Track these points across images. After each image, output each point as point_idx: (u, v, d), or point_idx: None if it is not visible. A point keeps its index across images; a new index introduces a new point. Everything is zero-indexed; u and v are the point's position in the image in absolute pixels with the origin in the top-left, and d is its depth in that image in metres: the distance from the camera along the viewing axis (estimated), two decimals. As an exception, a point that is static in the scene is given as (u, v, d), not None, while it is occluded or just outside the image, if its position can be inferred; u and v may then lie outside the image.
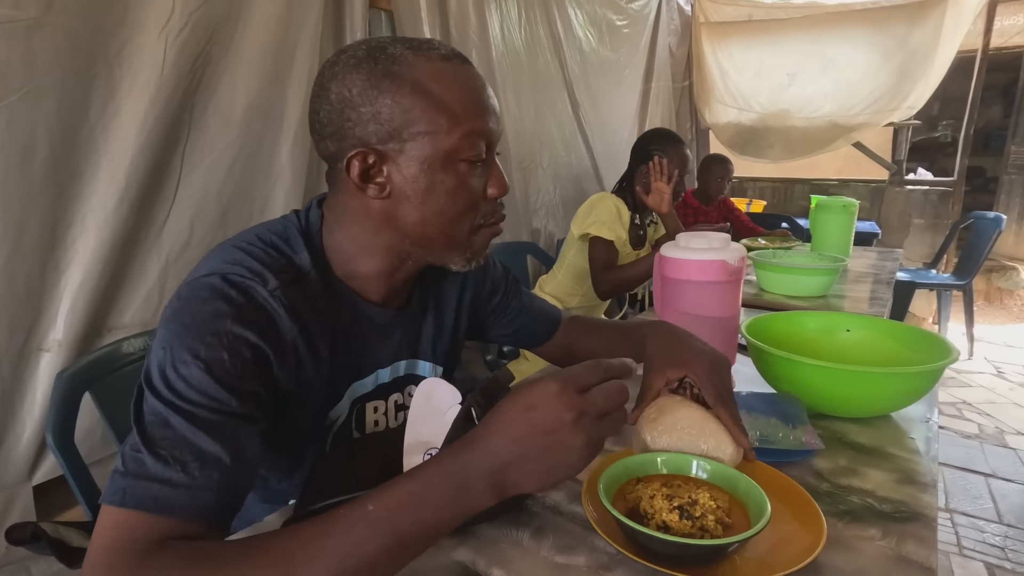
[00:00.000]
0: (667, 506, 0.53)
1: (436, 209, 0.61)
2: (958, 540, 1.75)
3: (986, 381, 2.98)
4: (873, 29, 3.35)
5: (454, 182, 0.60)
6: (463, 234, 0.63)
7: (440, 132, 0.58)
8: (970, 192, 4.72)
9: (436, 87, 0.57)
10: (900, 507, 0.62)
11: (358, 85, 0.57)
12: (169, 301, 0.57)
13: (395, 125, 0.57)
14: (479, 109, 0.60)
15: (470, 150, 0.59)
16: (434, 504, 0.44)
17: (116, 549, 0.45)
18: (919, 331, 0.91)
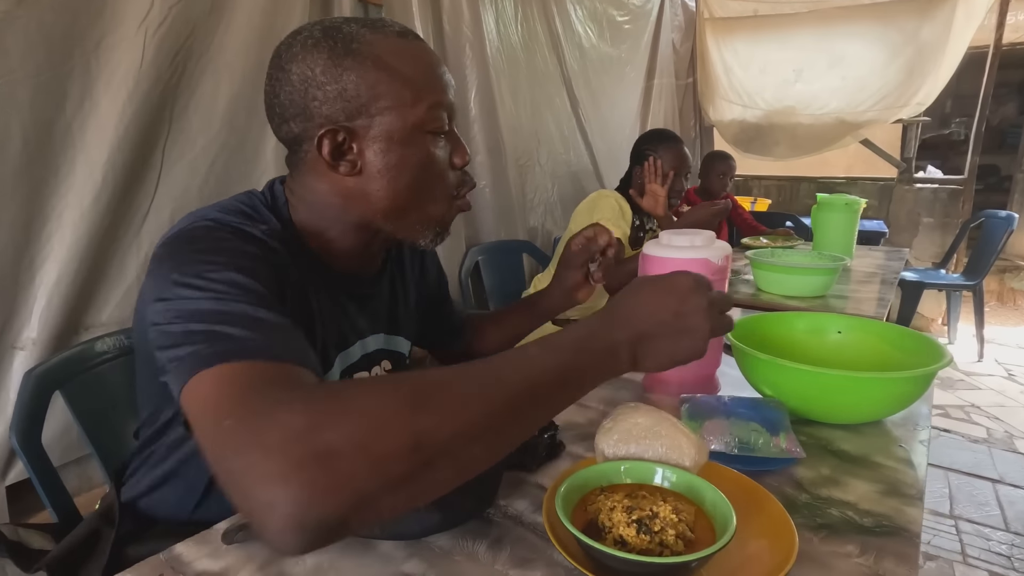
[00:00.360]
0: (625, 519, 0.49)
1: (407, 182, 0.62)
2: (962, 548, 1.70)
3: (996, 384, 2.91)
4: (882, 24, 3.27)
5: (423, 153, 0.61)
6: (435, 206, 0.65)
7: (405, 105, 0.59)
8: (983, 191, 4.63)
9: (397, 62, 0.59)
10: (882, 521, 0.58)
11: (320, 64, 0.57)
12: (153, 257, 0.54)
13: (362, 101, 0.58)
14: (439, 82, 0.62)
15: (434, 121, 0.61)
16: (589, 357, 0.46)
17: (242, 394, 0.39)
18: (912, 333, 0.87)
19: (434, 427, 0.36)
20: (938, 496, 1.95)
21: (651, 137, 1.82)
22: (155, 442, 0.70)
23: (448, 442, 0.37)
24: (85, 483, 1.15)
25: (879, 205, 3.74)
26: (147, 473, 0.72)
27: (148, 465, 0.72)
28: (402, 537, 0.57)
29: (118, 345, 1.02)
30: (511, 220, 2.22)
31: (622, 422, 0.61)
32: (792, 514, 0.57)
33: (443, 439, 0.36)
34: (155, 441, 0.70)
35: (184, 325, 0.46)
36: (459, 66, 1.95)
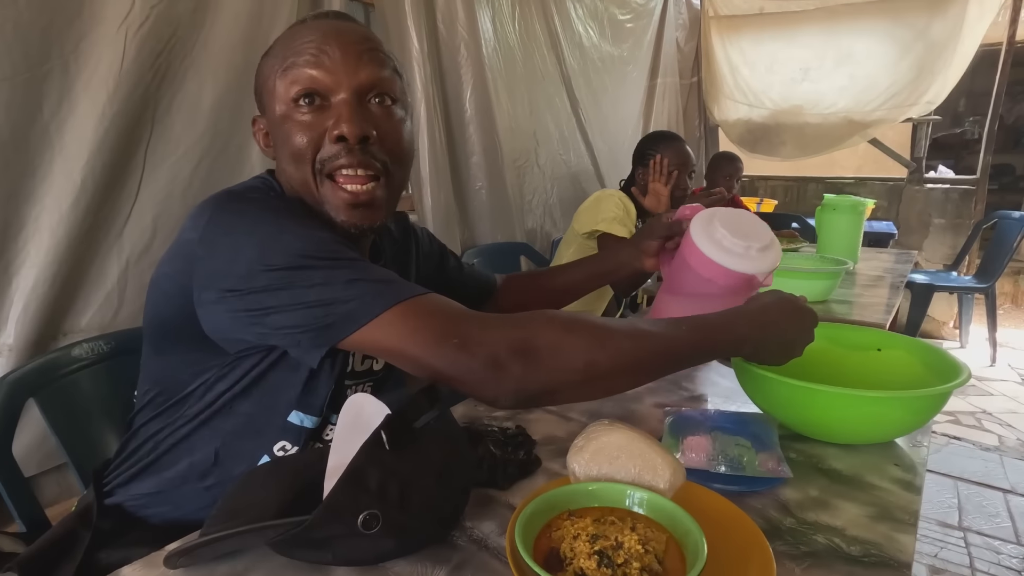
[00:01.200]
0: (587, 549, 0.46)
1: (282, 157, 0.65)
2: (971, 562, 1.64)
3: (1008, 389, 2.83)
4: (890, 20, 3.20)
5: (289, 127, 0.63)
6: (310, 180, 0.64)
7: (275, 82, 0.63)
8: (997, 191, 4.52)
9: (280, 46, 0.64)
10: (871, 550, 0.54)
11: (262, 59, 0.67)
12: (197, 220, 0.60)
13: (262, 91, 0.66)
14: (305, 51, 0.61)
15: (291, 91, 0.61)
16: (718, 343, 0.63)
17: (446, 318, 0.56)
18: (934, 350, 0.80)
19: (601, 359, 0.55)
20: (946, 507, 1.89)
21: (653, 138, 1.81)
22: (167, 417, 0.69)
23: (607, 370, 0.56)
24: (65, 491, 1.13)
25: (888, 206, 3.66)
26: (145, 456, 0.71)
27: (149, 447, 0.71)
28: (356, 563, 0.53)
29: (95, 351, 1.00)
30: (508, 222, 2.19)
31: (594, 440, 0.58)
32: (774, 540, 0.53)
33: (604, 368, 0.56)
34: (168, 418, 0.69)
35: (326, 287, 0.54)
36: (454, 66, 1.92)
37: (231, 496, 0.60)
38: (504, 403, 0.56)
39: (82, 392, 0.98)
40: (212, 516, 0.57)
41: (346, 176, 0.63)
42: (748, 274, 0.78)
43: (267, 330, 0.57)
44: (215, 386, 0.66)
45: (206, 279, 0.58)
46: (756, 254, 0.79)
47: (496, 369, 0.53)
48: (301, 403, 0.68)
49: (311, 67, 0.61)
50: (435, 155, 1.83)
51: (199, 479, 0.68)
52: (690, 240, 0.82)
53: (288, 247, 0.56)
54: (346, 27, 0.65)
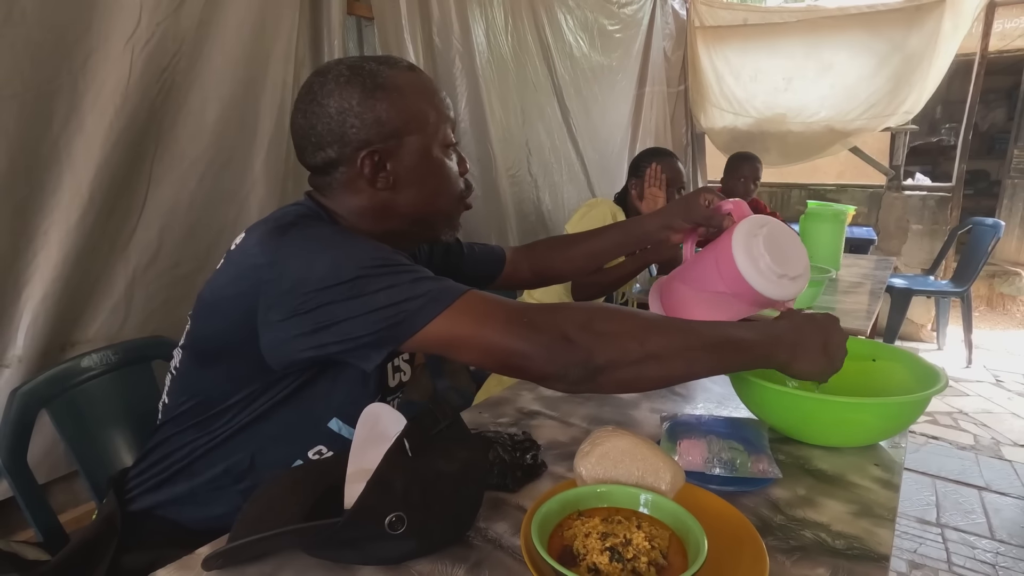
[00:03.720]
0: (599, 546, 0.50)
1: (433, 189, 0.75)
2: (948, 556, 1.71)
3: (984, 390, 2.94)
4: (869, 33, 3.31)
5: (443, 164, 0.75)
6: (454, 207, 0.78)
7: (428, 126, 0.72)
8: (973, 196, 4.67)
9: (415, 92, 0.72)
10: (853, 543, 0.59)
11: (356, 97, 0.69)
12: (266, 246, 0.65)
13: (395, 125, 0.70)
14: (444, 105, 0.75)
15: (448, 138, 0.75)
16: (751, 355, 0.68)
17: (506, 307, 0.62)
18: (921, 361, 0.84)
19: (658, 341, 0.62)
20: (924, 504, 1.97)
21: (650, 152, 1.90)
22: (204, 427, 0.72)
23: (662, 352, 0.62)
24: (71, 500, 1.15)
25: (868, 212, 3.77)
26: (178, 462, 0.74)
27: (182, 454, 0.73)
28: (382, 562, 0.57)
29: (104, 361, 1.02)
30: (502, 230, 2.23)
31: (600, 445, 0.62)
32: (766, 536, 0.58)
33: (659, 349, 0.62)
34: (207, 427, 0.72)
35: (394, 289, 0.60)
36: (449, 78, 1.96)
37: (256, 501, 0.63)
38: (571, 375, 0.60)
39: (92, 402, 1.01)
40: (239, 520, 0.61)
41: (467, 202, 0.80)
42: (771, 298, 0.79)
43: (332, 340, 0.61)
44: (258, 399, 0.70)
45: (276, 301, 0.61)
46: (787, 283, 0.78)
47: (566, 342, 0.59)
48: (341, 412, 0.72)
49: (449, 114, 0.76)
50: (431, 165, 1.87)
51: (234, 482, 0.71)
52: (727, 245, 0.80)
53: (352, 261, 0.61)
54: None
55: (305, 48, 1.51)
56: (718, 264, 0.82)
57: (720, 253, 0.82)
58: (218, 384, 0.70)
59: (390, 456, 0.56)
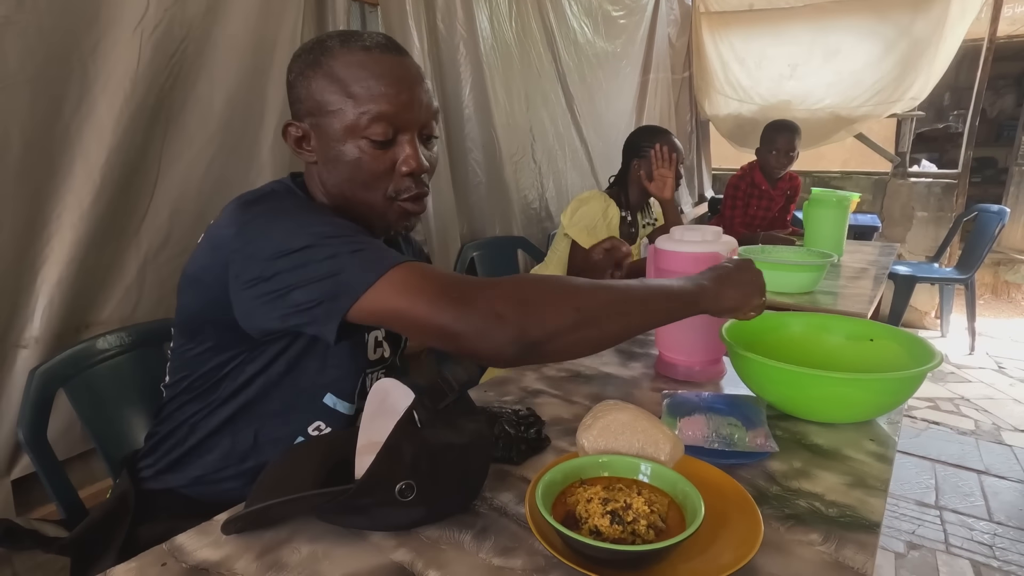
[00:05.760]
0: (600, 510, 0.52)
1: (344, 176, 0.71)
2: (945, 537, 1.74)
3: (986, 376, 2.95)
4: (876, 18, 3.28)
5: (355, 155, 0.70)
6: (376, 203, 0.73)
7: (344, 112, 0.68)
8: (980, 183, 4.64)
9: (347, 74, 0.68)
10: (846, 511, 0.61)
11: (295, 71, 0.71)
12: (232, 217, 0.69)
13: (314, 104, 0.70)
14: (383, 95, 0.68)
15: (368, 129, 0.68)
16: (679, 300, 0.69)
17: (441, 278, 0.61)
18: (917, 340, 0.86)
19: (590, 303, 0.61)
20: (924, 487, 1.99)
21: (648, 131, 1.85)
22: (202, 400, 0.76)
23: (595, 314, 0.61)
24: (88, 478, 1.18)
25: (873, 199, 3.76)
26: (184, 441, 0.77)
27: (185, 431, 0.77)
28: (391, 528, 0.60)
29: (119, 342, 1.05)
30: (506, 216, 2.25)
31: (601, 418, 0.64)
32: (762, 505, 0.60)
33: (593, 311, 0.60)
34: (204, 399, 0.76)
35: (334, 259, 0.61)
36: (453, 64, 1.96)
37: (272, 470, 0.66)
38: (506, 353, 0.58)
39: (106, 382, 1.04)
40: (255, 488, 0.63)
41: (411, 200, 0.74)
42: (710, 253, 0.93)
43: (289, 310, 0.62)
44: (246, 368, 0.73)
45: (240, 268, 0.65)
46: (711, 238, 0.96)
47: (497, 319, 0.57)
48: (334, 387, 0.74)
49: (387, 106, 0.68)
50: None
51: (240, 461, 0.74)
52: (657, 252, 0.99)
53: (304, 230, 0.63)
54: (409, 66, 0.72)
55: (310, 34, 1.51)
56: (660, 267, 0.99)
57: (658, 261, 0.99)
58: (207, 357, 0.73)
59: (400, 427, 0.58)
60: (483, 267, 2.08)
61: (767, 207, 2.57)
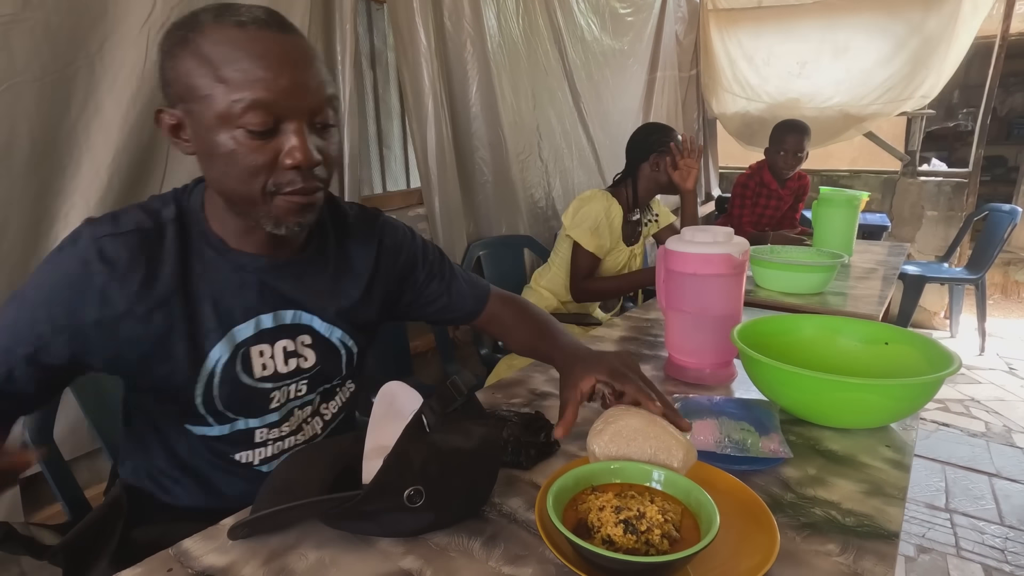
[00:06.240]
0: (613, 519, 0.51)
1: (219, 168, 0.62)
2: (956, 541, 1.72)
3: (996, 378, 2.92)
4: (887, 15, 3.24)
5: (231, 146, 0.60)
6: (256, 196, 0.63)
7: (216, 98, 0.59)
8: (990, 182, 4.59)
9: (217, 54, 0.58)
10: (864, 521, 0.60)
11: (164, 50, 0.62)
12: None
13: (183, 88, 0.60)
14: (260, 80, 0.58)
15: (243, 117, 0.59)
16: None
17: None
18: (934, 344, 0.84)
19: None
20: (934, 490, 1.97)
21: (658, 129, 1.83)
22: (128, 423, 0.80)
23: None
24: (94, 477, 1.18)
25: (882, 198, 3.72)
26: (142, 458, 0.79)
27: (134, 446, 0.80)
28: (400, 534, 0.59)
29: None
30: (512, 215, 2.24)
31: (612, 423, 0.63)
32: (777, 513, 0.59)
33: None
34: (128, 422, 0.80)
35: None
36: (460, 62, 1.95)
37: (279, 475, 0.65)
38: None
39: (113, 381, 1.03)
40: (262, 492, 0.63)
41: (295, 194, 0.64)
42: (722, 254, 0.93)
43: None
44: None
45: None
46: (722, 239, 0.95)
47: None
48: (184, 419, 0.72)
49: (264, 92, 0.58)
50: (442, 150, 1.87)
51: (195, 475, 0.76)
52: (668, 253, 0.98)
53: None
54: (293, 45, 0.61)
55: (317, 33, 1.51)
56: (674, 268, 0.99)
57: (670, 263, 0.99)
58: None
59: (409, 432, 0.57)
60: (489, 266, 2.07)
61: (776, 206, 2.55)
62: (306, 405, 0.79)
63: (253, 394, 0.72)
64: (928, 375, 0.74)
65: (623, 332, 1.29)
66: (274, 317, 0.72)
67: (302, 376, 0.76)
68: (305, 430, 0.80)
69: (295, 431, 0.78)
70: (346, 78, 1.55)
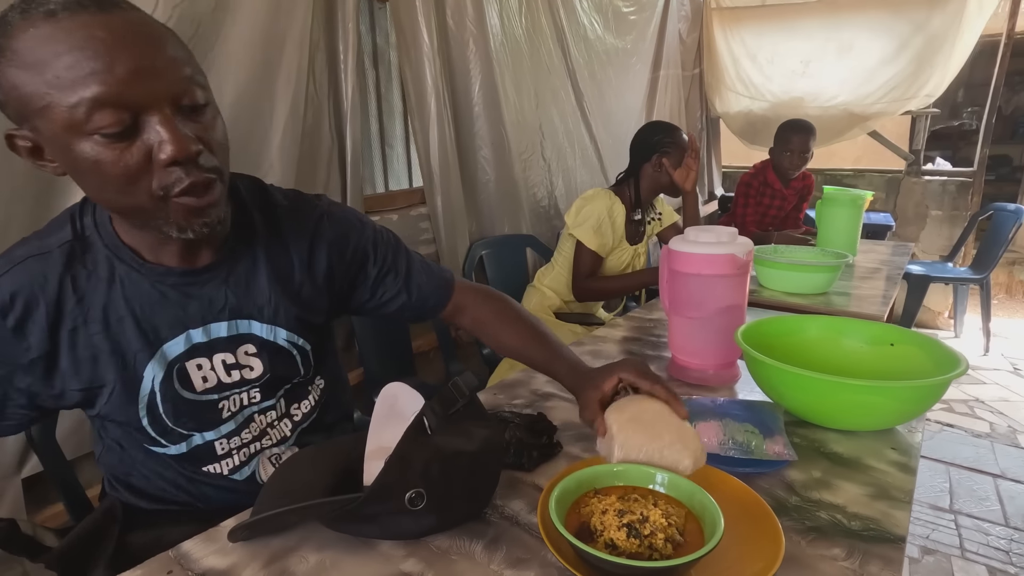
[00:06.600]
0: (616, 523, 0.51)
1: (93, 185, 0.55)
2: (961, 542, 1.71)
3: (1001, 378, 2.90)
4: (891, 13, 3.23)
5: (93, 156, 0.52)
6: (145, 205, 0.56)
7: (53, 106, 0.50)
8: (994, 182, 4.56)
9: (37, 56, 0.49)
10: (869, 525, 0.59)
11: None
12: None
13: (18, 104, 0.52)
14: (93, 73, 0.49)
15: (92, 121, 0.50)
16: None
17: None
18: (940, 345, 0.83)
19: None
20: (938, 491, 1.96)
21: (660, 128, 1.82)
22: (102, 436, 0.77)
23: None
24: (96, 477, 1.17)
25: (886, 198, 3.71)
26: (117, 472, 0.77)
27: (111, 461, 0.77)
28: (401, 537, 0.58)
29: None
30: (514, 214, 2.23)
31: (635, 403, 0.63)
32: (781, 517, 0.59)
33: None
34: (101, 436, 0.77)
35: None
36: (463, 61, 1.95)
37: (279, 477, 0.65)
38: None
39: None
40: (262, 494, 0.62)
41: (188, 193, 0.56)
42: (726, 254, 0.93)
43: None
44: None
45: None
46: (726, 239, 0.95)
47: None
48: (143, 441, 0.70)
49: (101, 86, 0.50)
50: (445, 150, 1.86)
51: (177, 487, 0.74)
52: (671, 253, 0.98)
53: None
54: (124, 24, 0.52)
55: (320, 32, 1.50)
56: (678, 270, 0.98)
57: (673, 264, 0.98)
58: None
59: (410, 434, 0.57)
60: (492, 266, 2.07)
61: (780, 206, 2.54)
62: (268, 410, 0.75)
63: (199, 407, 0.69)
64: (935, 377, 0.74)
65: (626, 332, 1.28)
66: (204, 331, 0.68)
67: (250, 385, 0.71)
68: (271, 434, 0.76)
69: (259, 436, 0.74)
70: (349, 77, 1.55)
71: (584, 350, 1.16)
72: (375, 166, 2.14)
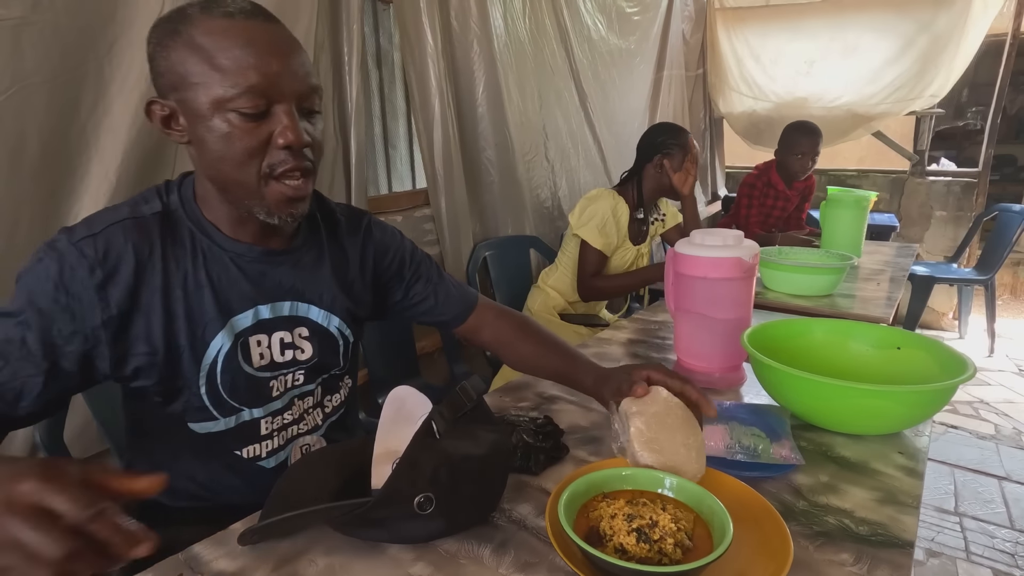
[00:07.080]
0: (626, 527, 0.51)
1: (215, 154, 0.65)
2: (966, 545, 1.70)
3: (1006, 379, 2.89)
4: (896, 13, 3.22)
5: (225, 129, 0.63)
6: (250, 182, 0.66)
7: (209, 84, 0.62)
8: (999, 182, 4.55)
9: (209, 43, 0.62)
10: (877, 530, 0.59)
11: (153, 42, 0.65)
12: None
13: (176, 77, 0.63)
14: (251, 64, 0.62)
15: (238, 101, 0.62)
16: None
17: None
18: (947, 348, 0.83)
19: None
20: (943, 493, 1.96)
21: (671, 129, 1.82)
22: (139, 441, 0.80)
23: None
24: (104, 476, 1.19)
25: (891, 198, 3.70)
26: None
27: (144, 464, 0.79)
28: (410, 541, 0.59)
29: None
30: (518, 215, 2.23)
31: (662, 398, 0.64)
32: (789, 521, 0.59)
33: None
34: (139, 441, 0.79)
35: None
36: (467, 62, 1.95)
37: (288, 480, 0.65)
38: None
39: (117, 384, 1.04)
40: (271, 498, 0.63)
41: (290, 178, 0.67)
42: (732, 257, 0.93)
43: None
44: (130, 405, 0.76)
45: None
46: (732, 242, 0.95)
47: None
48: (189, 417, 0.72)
49: (256, 77, 0.62)
50: (448, 151, 1.86)
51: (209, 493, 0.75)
52: (677, 256, 0.98)
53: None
54: (279, 34, 0.65)
55: (324, 33, 1.50)
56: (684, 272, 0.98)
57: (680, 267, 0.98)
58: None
59: (419, 438, 0.57)
60: (495, 266, 2.07)
61: (783, 207, 2.54)
62: (307, 395, 0.79)
63: (254, 383, 0.73)
64: (942, 381, 0.73)
65: (630, 335, 1.28)
66: (271, 308, 0.74)
67: (299, 367, 0.77)
68: (307, 420, 0.80)
69: (297, 420, 0.79)
70: (352, 78, 1.55)
71: (588, 352, 1.16)
72: (379, 167, 2.14)
